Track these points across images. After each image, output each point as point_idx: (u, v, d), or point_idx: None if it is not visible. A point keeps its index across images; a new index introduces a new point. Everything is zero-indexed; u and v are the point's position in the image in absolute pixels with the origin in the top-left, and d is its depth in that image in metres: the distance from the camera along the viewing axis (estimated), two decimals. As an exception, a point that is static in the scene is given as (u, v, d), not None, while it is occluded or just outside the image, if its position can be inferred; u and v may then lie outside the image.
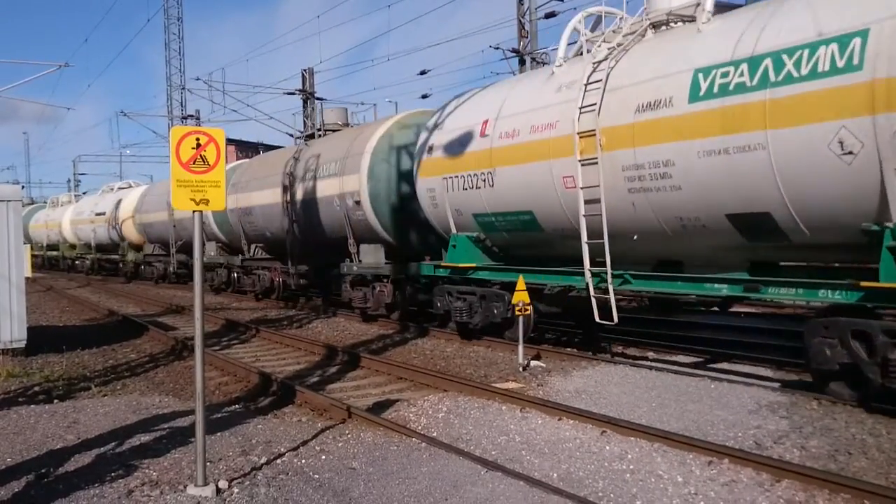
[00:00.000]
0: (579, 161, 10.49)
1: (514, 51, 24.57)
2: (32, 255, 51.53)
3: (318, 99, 33.58)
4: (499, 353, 12.36)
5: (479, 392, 9.18)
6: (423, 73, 28.85)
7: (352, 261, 17.30)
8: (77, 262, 44.26)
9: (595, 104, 10.33)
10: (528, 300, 10.98)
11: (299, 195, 19.60)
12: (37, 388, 10.28)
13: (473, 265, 13.50)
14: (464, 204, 13.33)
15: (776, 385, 9.34)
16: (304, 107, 33.81)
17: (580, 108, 10.52)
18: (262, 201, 22.18)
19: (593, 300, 10.61)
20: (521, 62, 24.46)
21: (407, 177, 16.00)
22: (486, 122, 12.83)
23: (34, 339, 13.18)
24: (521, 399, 8.65)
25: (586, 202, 10.49)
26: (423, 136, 14.62)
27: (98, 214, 39.47)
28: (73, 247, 44.87)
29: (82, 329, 17.48)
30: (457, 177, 13.36)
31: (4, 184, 17.39)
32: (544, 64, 21.51)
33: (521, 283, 11.07)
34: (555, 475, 6.24)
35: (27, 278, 13.10)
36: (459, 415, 8.26)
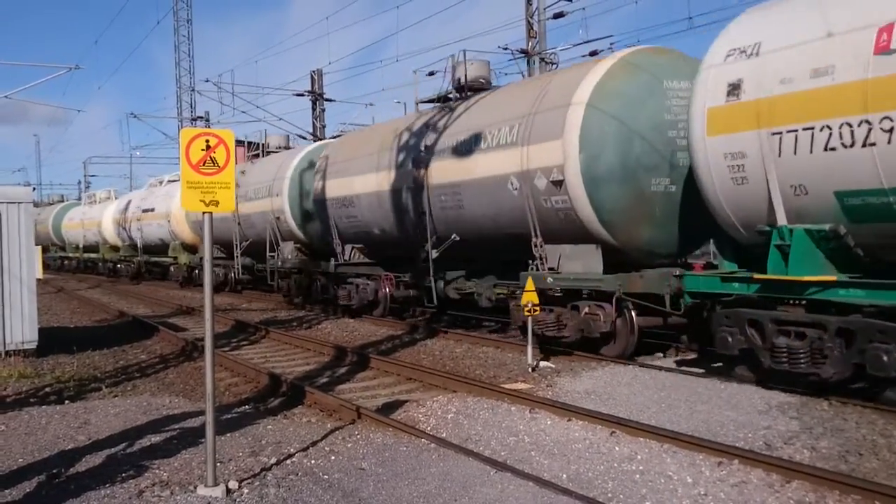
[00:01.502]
0: None
1: (522, 51, 24.55)
2: (63, 258, 50.18)
3: (327, 100, 33.69)
4: (508, 353, 12.36)
5: (488, 393, 9.18)
6: (431, 73, 28.78)
7: (538, 268, 12.22)
8: (120, 266, 39.20)
9: None
10: (536, 300, 10.96)
11: (436, 178, 14.40)
12: (48, 389, 10.34)
13: (827, 279, 8.33)
14: (817, 174, 8.09)
15: (786, 385, 9.30)
16: (314, 108, 33.93)
17: None
18: (369, 188, 16.79)
19: None
20: (530, 63, 24.45)
21: (656, 138, 10.99)
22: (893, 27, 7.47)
23: (45, 340, 13.26)
24: (531, 400, 8.64)
25: None
26: (709, 73, 9.22)
27: (146, 211, 34.30)
28: (114, 248, 39.92)
29: (93, 330, 17.58)
30: (803, 130, 8.10)
31: (15, 185, 17.50)
32: (554, 65, 21.47)
33: (529, 284, 11.04)
34: (564, 476, 6.23)
35: (38, 279, 13.17)
36: (469, 415, 8.26)
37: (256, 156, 25.34)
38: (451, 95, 15.49)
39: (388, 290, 17.35)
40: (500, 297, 14.33)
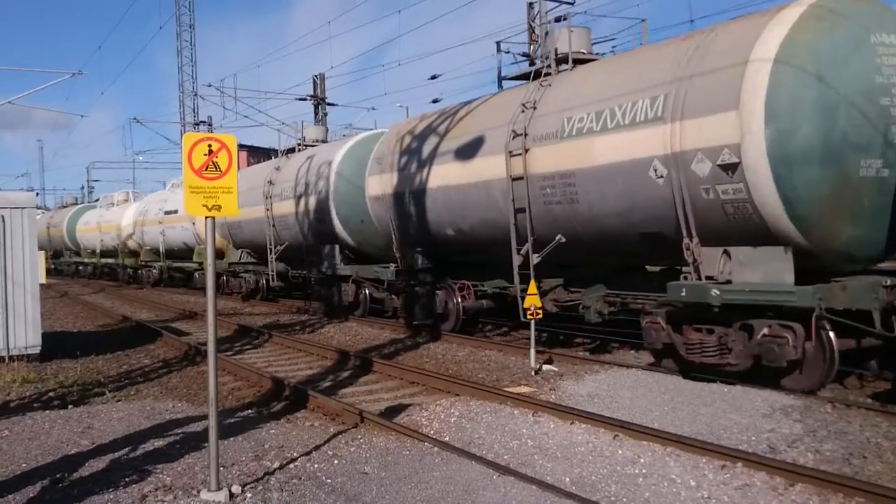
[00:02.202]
0: None
1: (524, 55, 24.57)
2: (78, 264, 47.95)
3: (329, 104, 33.73)
4: (511, 357, 12.35)
5: (491, 396, 9.18)
6: (433, 77, 28.95)
7: (688, 277, 9.81)
8: (141, 272, 36.57)
9: None
10: (539, 304, 10.96)
11: (540, 166, 11.69)
12: (51, 394, 10.35)
13: None
14: None
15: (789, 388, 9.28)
16: (316, 112, 33.95)
17: None
18: (449, 180, 13.97)
19: None
20: (532, 66, 24.44)
21: (867, 107, 8.68)
22: None
23: (48, 344, 13.28)
24: (534, 403, 8.63)
25: None
26: None
27: (168, 213, 31.72)
28: (134, 253, 37.50)
29: (96, 335, 17.60)
30: None
31: (19, 191, 17.57)
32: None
33: (532, 287, 11.04)
34: (567, 479, 6.23)
35: (41, 284, 13.19)
36: (471, 419, 8.25)
37: (292, 150, 23.11)
38: (546, 70, 12.96)
39: (459, 301, 14.77)
40: (612, 311, 11.91)
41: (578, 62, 12.74)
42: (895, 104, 8.86)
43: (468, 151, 13.53)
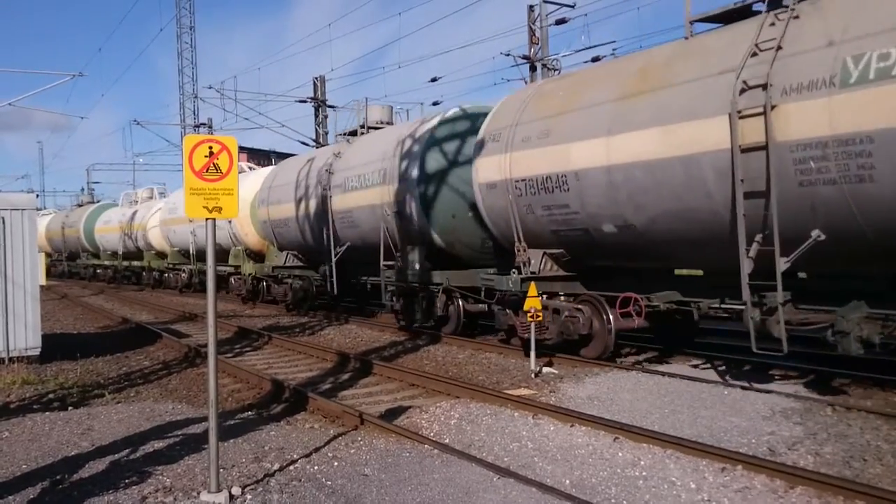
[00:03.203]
0: None
1: (524, 57, 24.63)
2: (96, 267, 44.03)
3: (329, 107, 33.76)
4: (511, 359, 12.36)
5: (491, 398, 9.18)
6: (433, 80, 28.89)
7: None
8: (168, 276, 33.57)
9: None
10: (539, 306, 10.96)
11: (799, 129, 8.22)
12: (51, 396, 10.35)
13: None
14: None
15: (790, 391, 9.29)
16: (316, 114, 34.01)
17: None
18: (618, 158, 10.33)
19: None
20: (532, 69, 24.52)
21: None
22: None
23: (48, 346, 13.28)
24: (534, 405, 8.63)
25: None
26: None
27: None
28: (161, 255, 34.45)
29: (96, 336, 17.60)
30: None
31: (19, 192, 17.56)
32: (556, 71, 21.50)
33: (532, 290, 11.05)
34: (567, 482, 6.23)
35: (41, 286, 13.19)
36: (472, 421, 8.25)
37: (353, 133, 19.61)
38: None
39: (611, 320, 11.29)
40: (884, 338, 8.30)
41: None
42: None
43: (651, 115, 9.89)
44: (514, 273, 12.60)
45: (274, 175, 22.83)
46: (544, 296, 11.94)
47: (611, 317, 11.32)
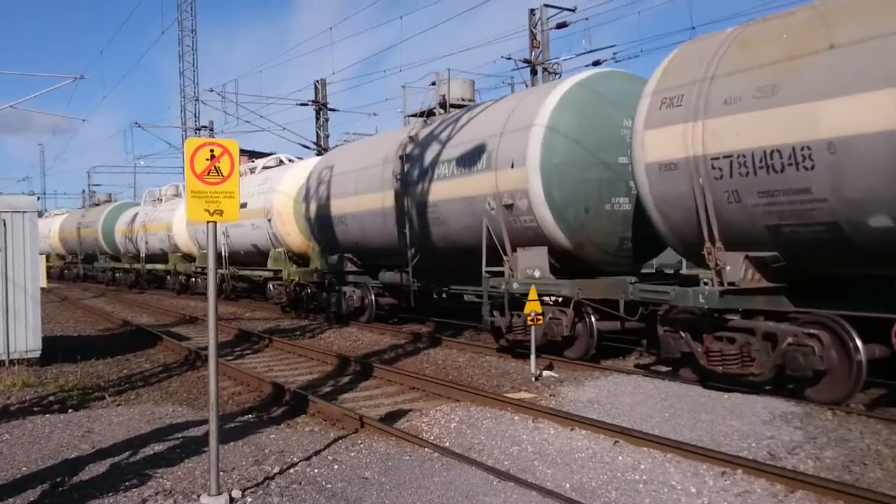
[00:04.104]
0: None
1: (525, 61, 24.67)
2: (115, 270, 40.70)
3: (330, 110, 33.82)
4: (511, 363, 12.35)
5: (491, 402, 9.18)
6: (434, 84, 28.84)
7: None
8: (196, 280, 30.73)
9: None
10: (539, 310, 10.96)
11: None
12: (51, 398, 10.35)
13: None
14: None
15: (790, 395, 9.28)
16: (317, 118, 34.05)
17: None
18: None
19: None
20: (533, 72, 24.55)
21: None
22: None
23: (49, 348, 13.27)
24: (534, 409, 8.63)
25: None
26: None
27: None
28: (188, 258, 31.88)
29: (96, 339, 17.60)
30: None
31: (20, 195, 17.58)
32: (557, 74, 21.53)
33: (532, 293, 11.05)
34: (567, 485, 6.23)
35: (42, 288, 13.21)
36: (472, 425, 8.25)
37: (431, 113, 16.66)
38: None
39: (861, 350, 8.26)
40: None
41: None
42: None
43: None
44: (706, 283, 9.46)
45: (325, 164, 19.66)
46: (737, 315, 9.48)
47: (860, 348, 8.30)
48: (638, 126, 10.16)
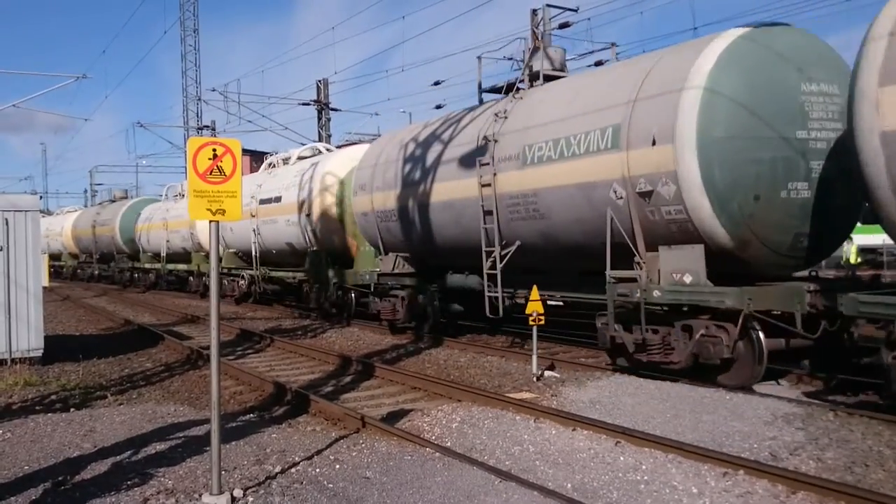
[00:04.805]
0: None
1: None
2: (134, 271, 37.70)
3: (332, 109, 33.84)
4: (512, 363, 12.35)
5: (492, 402, 9.18)
6: (436, 83, 28.86)
7: None
8: (222, 282, 25.68)
9: None
10: (541, 310, 10.96)
11: None
12: (53, 397, 10.36)
13: None
14: None
15: (792, 396, 9.28)
16: (319, 117, 34.07)
17: None
18: None
19: None
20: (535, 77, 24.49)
21: None
22: None
23: (51, 348, 13.29)
24: (535, 409, 8.63)
25: None
26: None
27: (265, 202, 22.59)
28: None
29: (98, 338, 17.61)
30: None
31: (22, 194, 17.59)
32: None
33: (534, 293, 11.04)
34: (569, 486, 6.22)
35: (44, 287, 13.22)
36: (473, 425, 8.25)
37: (511, 87, 13.91)
38: None
39: None
40: None
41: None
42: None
43: None
44: None
45: (381, 150, 16.70)
46: None
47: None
48: (867, 81, 7.49)
